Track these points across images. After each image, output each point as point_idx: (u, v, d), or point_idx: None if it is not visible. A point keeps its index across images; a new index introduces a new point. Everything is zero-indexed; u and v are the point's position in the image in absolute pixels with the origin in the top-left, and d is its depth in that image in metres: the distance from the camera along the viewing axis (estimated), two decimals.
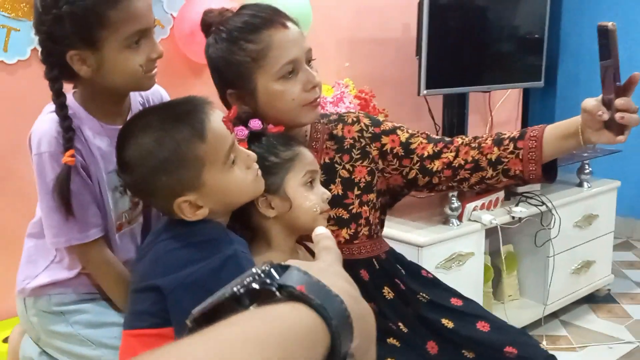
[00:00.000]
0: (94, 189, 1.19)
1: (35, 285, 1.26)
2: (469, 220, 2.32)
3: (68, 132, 1.11)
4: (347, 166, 1.34)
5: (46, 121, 1.15)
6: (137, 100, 1.28)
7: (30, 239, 1.30)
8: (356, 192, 1.34)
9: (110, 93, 1.18)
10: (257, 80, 1.22)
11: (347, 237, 1.32)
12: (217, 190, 1.03)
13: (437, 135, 1.41)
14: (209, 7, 1.30)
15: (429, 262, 2.12)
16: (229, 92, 1.25)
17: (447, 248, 2.21)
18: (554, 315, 2.75)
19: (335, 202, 1.29)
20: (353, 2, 2.52)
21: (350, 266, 1.31)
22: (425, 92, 2.37)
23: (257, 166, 1.09)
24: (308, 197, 1.15)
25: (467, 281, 2.23)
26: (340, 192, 1.33)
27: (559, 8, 3.27)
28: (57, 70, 1.12)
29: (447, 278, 1.49)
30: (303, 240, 1.25)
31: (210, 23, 1.26)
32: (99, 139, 1.18)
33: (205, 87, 2.09)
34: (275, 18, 1.21)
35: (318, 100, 1.25)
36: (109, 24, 1.07)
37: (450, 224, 2.26)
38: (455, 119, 2.64)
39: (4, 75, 1.78)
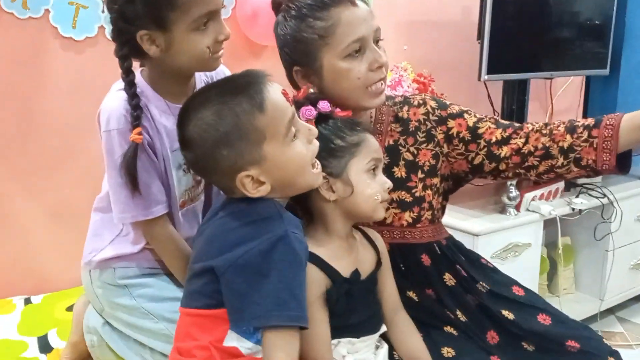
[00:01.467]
0: (159, 167, 1.21)
1: (101, 258, 1.30)
2: (527, 210, 2.28)
3: (136, 110, 1.14)
4: (412, 149, 1.33)
5: (115, 99, 1.17)
6: (201, 80, 1.29)
7: (97, 213, 1.34)
8: (420, 175, 1.32)
9: (177, 73, 1.20)
10: (323, 57, 1.21)
11: (410, 220, 1.30)
12: (279, 164, 1.01)
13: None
14: None
15: (485, 251, 2.09)
16: (295, 69, 1.25)
17: (503, 238, 2.17)
18: (610, 311, 2.68)
19: (398, 184, 1.28)
20: None
21: (412, 250, 1.31)
22: (486, 77, 2.32)
23: (317, 143, 1.07)
24: (370, 185, 1.14)
25: (523, 272, 2.18)
26: (404, 175, 1.31)
27: None
28: (127, 49, 1.14)
29: (503, 268, 1.45)
30: (360, 225, 1.24)
31: (280, 1, 1.26)
32: (164, 118, 1.20)
33: (265, 68, 2.11)
34: None
35: (382, 82, 1.24)
36: (178, 6, 1.09)
37: (508, 214, 2.22)
38: (514, 106, 2.58)
39: (72, 52, 1.83)
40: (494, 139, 1.30)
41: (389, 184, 1.17)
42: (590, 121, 1.25)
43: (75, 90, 1.84)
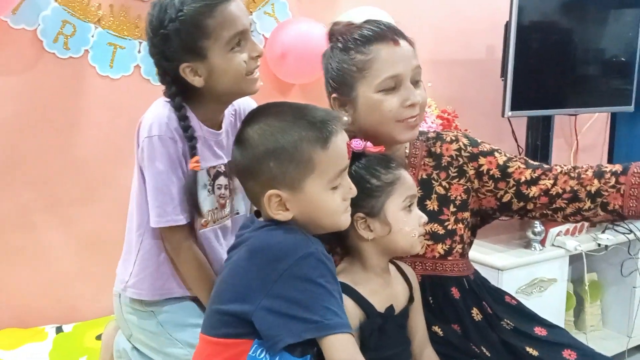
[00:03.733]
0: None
1: (130, 284, 1.33)
2: (553, 245, 2.27)
3: (191, 140, 1.20)
4: (444, 183, 1.36)
5: (158, 108, 1.24)
6: (230, 113, 1.35)
7: (126, 238, 1.38)
8: (452, 209, 1.35)
9: (218, 100, 1.26)
10: (359, 89, 1.26)
11: (442, 252, 1.33)
12: (310, 202, 1.03)
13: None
14: (337, 20, 1.37)
15: (509, 286, 2.08)
16: (333, 96, 1.31)
17: (528, 273, 2.17)
18: (638, 348, 2.63)
19: (431, 217, 1.30)
20: (435, 24, 2.54)
21: (442, 283, 1.32)
22: (510, 113, 2.34)
23: (349, 202, 1.09)
24: (407, 222, 1.16)
25: (548, 308, 2.17)
26: (436, 208, 1.34)
27: None
28: (174, 87, 1.21)
29: (528, 304, 1.46)
30: (394, 258, 1.26)
31: (334, 33, 1.32)
32: (198, 139, 1.25)
33: None
34: (388, 34, 1.25)
35: (415, 119, 1.27)
36: (210, 33, 1.16)
37: (533, 248, 2.22)
38: (539, 142, 2.59)
39: (109, 89, 1.91)
40: (523, 179, 1.33)
41: (424, 218, 1.20)
42: (618, 167, 1.28)
43: (110, 125, 1.92)
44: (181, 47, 1.16)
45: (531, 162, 1.37)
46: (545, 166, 1.35)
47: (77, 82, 1.86)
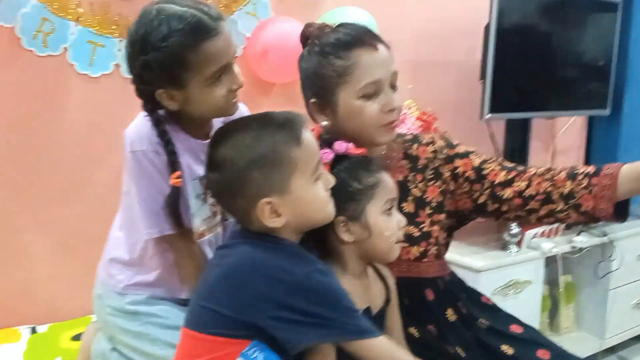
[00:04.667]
0: (183, 193, 1.25)
1: (112, 284, 1.33)
2: (528, 247, 2.30)
3: (171, 155, 1.20)
4: (420, 185, 1.37)
5: (140, 123, 1.23)
6: (217, 119, 1.34)
7: (110, 241, 1.38)
8: (428, 211, 1.36)
9: (197, 117, 1.25)
10: (339, 94, 1.26)
11: (418, 254, 1.34)
12: (299, 200, 1.05)
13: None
14: (310, 22, 1.35)
15: (486, 287, 2.10)
16: (312, 101, 1.30)
17: (504, 274, 2.19)
18: (612, 350, 2.68)
19: (406, 219, 1.31)
20: (416, 25, 2.55)
21: (417, 285, 1.34)
22: (488, 116, 2.36)
23: (330, 192, 1.11)
24: (388, 226, 1.17)
25: (524, 310, 2.17)
26: (412, 210, 1.35)
27: (627, 35, 3.21)
28: (151, 104, 1.20)
29: (504, 305, 1.48)
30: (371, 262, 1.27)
31: (308, 36, 1.32)
32: (185, 150, 1.25)
33: (273, 106, 2.17)
34: (366, 39, 1.26)
35: (395, 122, 1.28)
36: (190, 67, 1.14)
37: (509, 250, 2.25)
38: (517, 145, 2.62)
39: (89, 88, 1.89)
40: (497, 180, 1.35)
41: (403, 222, 1.20)
42: (591, 169, 1.29)
43: (89, 124, 1.90)
44: (160, 76, 1.14)
45: (506, 163, 1.39)
46: (520, 168, 1.36)
47: (56, 80, 1.84)
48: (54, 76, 1.84)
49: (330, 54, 1.26)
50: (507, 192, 1.34)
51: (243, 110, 1.38)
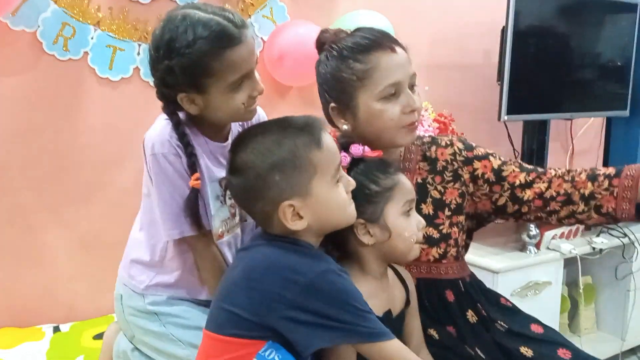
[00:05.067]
0: (203, 195, 1.27)
1: (133, 285, 1.35)
2: (548, 248, 2.28)
3: (191, 157, 1.21)
4: (439, 187, 1.37)
5: (160, 126, 1.25)
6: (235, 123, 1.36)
7: (130, 242, 1.40)
8: (447, 213, 1.36)
9: (216, 123, 1.27)
10: (359, 98, 1.26)
11: (437, 256, 1.34)
12: (320, 203, 1.06)
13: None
14: (325, 27, 1.37)
15: (504, 289, 2.09)
16: (332, 106, 1.31)
17: (523, 276, 2.18)
18: (632, 351, 2.65)
19: (426, 221, 1.31)
20: (433, 28, 2.56)
21: (437, 286, 1.33)
22: (506, 117, 2.35)
23: (350, 195, 1.12)
24: (407, 228, 1.17)
25: (543, 311, 2.17)
26: (431, 212, 1.35)
27: None
28: (172, 106, 1.22)
29: (522, 307, 1.47)
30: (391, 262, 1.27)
31: (324, 41, 1.33)
32: (204, 153, 1.27)
33: (289, 108, 2.19)
34: (384, 42, 1.26)
35: (416, 123, 1.29)
36: (213, 73, 1.15)
37: (528, 252, 2.23)
38: (535, 146, 2.60)
39: (108, 92, 1.92)
40: (517, 182, 1.35)
41: (422, 223, 1.21)
42: (611, 170, 1.29)
43: (109, 127, 1.93)
44: (183, 80, 1.16)
45: (525, 165, 1.39)
46: (540, 169, 1.36)
47: (77, 83, 1.87)
48: (75, 80, 1.87)
49: (349, 58, 1.26)
50: (528, 194, 1.34)
51: (261, 114, 1.39)
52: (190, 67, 1.14)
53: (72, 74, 1.86)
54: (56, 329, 1.81)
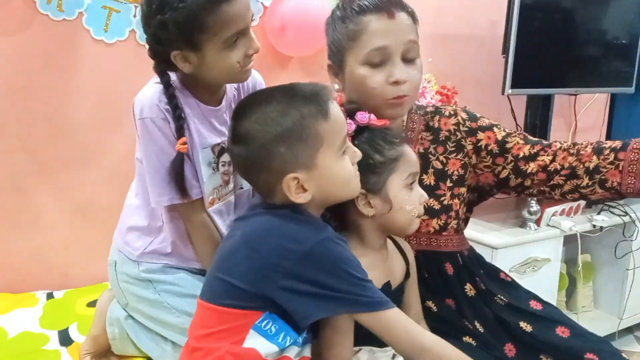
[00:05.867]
0: (192, 162, 1.24)
1: (128, 252, 1.33)
2: (548, 225, 2.27)
3: (179, 120, 1.18)
4: (441, 158, 1.34)
5: (149, 90, 1.22)
6: (231, 86, 1.32)
7: (126, 209, 1.37)
8: (448, 184, 1.33)
9: (210, 83, 1.24)
10: (347, 59, 1.24)
11: (437, 227, 1.31)
12: (326, 175, 1.03)
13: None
14: None
15: (503, 265, 2.07)
16: (328, 63, 1.28)
17: (522, 252, 2.17)
18: (629, 330, 2.66)
19: (427, 191, 1.28)
20: None
21: (437, 258, 1.31)
22: (510, 91, 2.32)
23: (357, 166, 1.08)
24: (409, 200, 1.14)
25: (541, 288, 2.14)
26: (433, 182, 1.33)
27: None
28: (164, 65, 1.18)
29: (521, 283, 1.45)
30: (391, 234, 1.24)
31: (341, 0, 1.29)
32: (196, 117, 1.24)
33: (290, 79, 2.12)
34: (385, 5, 1.21)
35: (403, 98, 1.23)
36: (208, 29, 1.12)
37: (528, 228, 2.22)
38: (538, 121, 2.57)
39: (104, 55, 1.87)
40: (521, 154, 1.31)
41: (425, 196, 1.17)
42: (617, 144, 1.25)
43: (104, 90, 1.88)
44: (176, 36, 1.13)
45: (530, 137, 1.35)
46: (545, 142, 1.33)
47: (71, 45, 1.82)
48: (69, 41, 1.82)
49: (347, 18, 1.23)
50: (531, 166, 1.30)
51: (257, 78, 1.35)
52: (183, 22, 1.10)
53: (66, 35, 1.81)
54: (50, 296, 1.79)
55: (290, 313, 1.00)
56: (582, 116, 3.01)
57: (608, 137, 3.16)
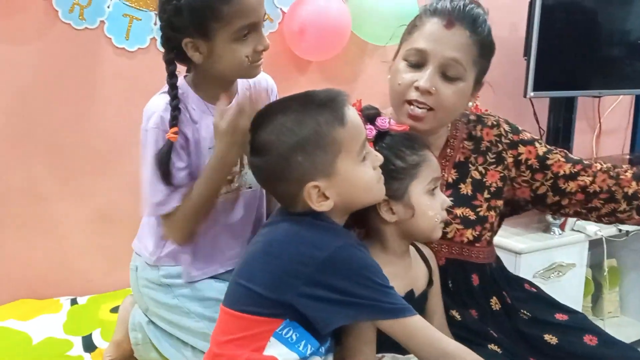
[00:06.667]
0: (192, 167, 1.26)
1: (146, 257, 1.33)
2: (572, 230, 2.23)
3: (175, 110, 1.21)
4: (480, 168, 1.32)
5: (157, 100, 1.25)
6: (243, 86, 1.34)
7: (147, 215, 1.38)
8: (486, 195, 1.31)
9: (219, 78, 1.26)
10: (400, 50, 1.25)
11: (471, 238, 1.28)
12: (347, 181, 1.02)
13: (551, 145, 1.37)
14: None
15: (527, 270, 2.05)
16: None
17: (546, 257, 2.13)
18: None
19: (464, 201, 1.27)
20: None
21: (464, 268, 1.29)
22: (532, 94, 2.29)
23: (380, 170, 1.07)
24: (431, 206, 1.12)
25: (566, 294, 2.13)
26: (470, 192, 1.30)
27: None
28: (173, 54, 1.21)
29: (545, 288, 1.44)
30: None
31: None
32: (204, 118, 1.26)
33: (309, 84, 2.13)
34: (451, 13, 1.20)
35: (424, 109, 1.20)
36: (221, 18, 1.14)
37: (552, 233, 2.18)
38: (561, 124, 2.53)
39: (125, 62, 1.88)
40: (561, 172, 1.30)
41: (447, 202, 1.16)
42: None
43: (125, 98, 1.89)
44: (189, 23, 1.15)
45: (571, 156, 1.34)
46: (585, 162, 1.32)
47: (93, 53, 1.84)
48: (91, 50, 1.83)
49: (422, 13, 1.27)
50: (571, 186, 1.30)
51: (270, 82, 1.37)
52: (198, 9, 1.13)
53: (88, 43, 1.82)
54: (73, 302, 1.81)
55: (311, 320, 0.99)
56: (606, 118, 2.96)
57: (633, 140, 3.10)
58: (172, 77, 1.21)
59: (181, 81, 1.25)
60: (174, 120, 1.20)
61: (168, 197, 1.23)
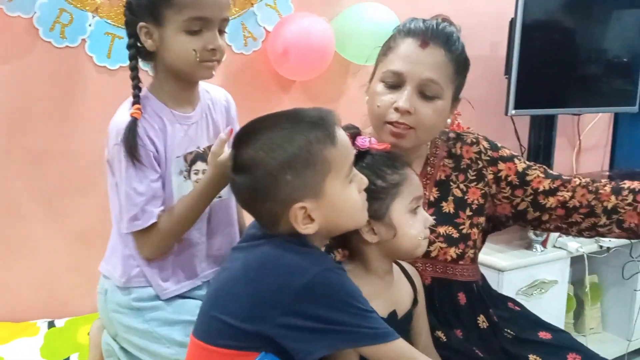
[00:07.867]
0: (163, 177, 1.26)
1: (117, 279, 1.30)
2: (554, 246, 2.24)
3: (135, 89, 1.24)
4: (462, 186, 1.32)
5: (121, 115, 1.25)
6: (205, 96, 1.35)
7: (113, 235, 1.35)
8: (468, 213, 1.31)
9: (175, 77, 1.26)
10: (376, 71, 1.26)
11: (455, 256, 1.28)
12: (333, 203, 0.98)
13: (533, 162, 1.38)
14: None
15: (510, 287, 2.06)
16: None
17: (529, 274, 2.14)
18: (638, 352, 2.61)
19: (446, 219, 1.27)
20: None
21: (450, 287, 1.29)
22: (513, 112, 2.31)
23: (365, 195, 1.04)
24: (413, 225, 1.10)
25: (549, 310, 2.14)
26: (452, 210, 1.30)
27: None
28: (132, 40, 1.25)
29: (528, 306, 1.44)
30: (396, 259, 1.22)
31: None
32: (170, 126, 1.26)
33: (292, 103, 2.14)
34: (425, 34, 1.22)
35: (404, 127, 1.21)
36: (174, 4, 1.18)
37: (534, 250, 2.20)
38: (541, 141, 2.56)
39: (107, 80, 1.86)
40: (541, 188, 1.31)
41: (430, 221, 1.14)
42: (636, 185, 1.27)
43: (106, 116, 1.85)
44: (146, 6, 1.19)
45: (550, 172, 1.35)
46: (565, 177, 1.33)
47: (74, 72, 1.82)
48: (72, 68, 1.82)
49: (396, 34, 1.29)
50: (551, 201, 1.31)
51: (229, 97, 1.40)
52: None
53: (69, 61, 1.81)
54: (51, 324, 1.77)
55: (290, 351, 0.95)
56: (586, 136, 2.99)
57: (612, 156, 3.14)
58: (131, 59, 1.25)
59: (144, 91, 1.27)
60: (136, 98, 1.23)
61: (143, 212, 1.22)
